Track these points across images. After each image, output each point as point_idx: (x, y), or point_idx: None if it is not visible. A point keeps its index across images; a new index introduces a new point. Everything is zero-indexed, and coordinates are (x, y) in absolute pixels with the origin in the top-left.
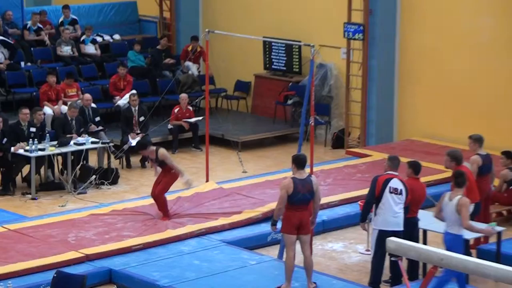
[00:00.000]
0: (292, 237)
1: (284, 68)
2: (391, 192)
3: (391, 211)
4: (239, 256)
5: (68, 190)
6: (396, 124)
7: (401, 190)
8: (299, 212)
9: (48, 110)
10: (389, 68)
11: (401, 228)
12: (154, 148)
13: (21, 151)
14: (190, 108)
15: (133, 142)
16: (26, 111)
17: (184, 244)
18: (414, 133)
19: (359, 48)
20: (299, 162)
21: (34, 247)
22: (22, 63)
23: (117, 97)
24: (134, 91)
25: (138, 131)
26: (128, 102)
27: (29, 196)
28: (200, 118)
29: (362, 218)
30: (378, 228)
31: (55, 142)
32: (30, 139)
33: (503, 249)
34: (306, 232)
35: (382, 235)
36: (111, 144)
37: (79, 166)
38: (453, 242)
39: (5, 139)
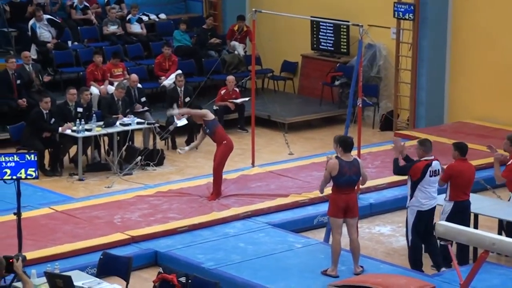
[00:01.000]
0: (339, 220)
1: (332, 49)
2: (431, 176)
3: (429, 194)
4: (285, 239)
5: (114, 171)
6: (447, 106)
7: (438, 170)
8: (345, 194)
9: (94, 90)
10: (441, 49)
11: (436, 203)
12: (209, 114)
13: (68, 131)
14: (237, 90)
15: (179, 123)
16: (74, 91)
17: (230, 227)
18: (465, 115)
19: (409, 28)
20: (346, 145)
21: (81, 228)
22: (69, 43)
23: (163, 77)
24: (180, 71)
25: None
26: (174, 83)
27: (76, 177)
28: (246, 99)
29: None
30: (416, 209)
31: (101, 123)
32: (77, 119)
33: None
34: (353, 215)
35: (419, 216)
36: (156, 125)
37: (125, 147)
38: None
39: (53, 119)
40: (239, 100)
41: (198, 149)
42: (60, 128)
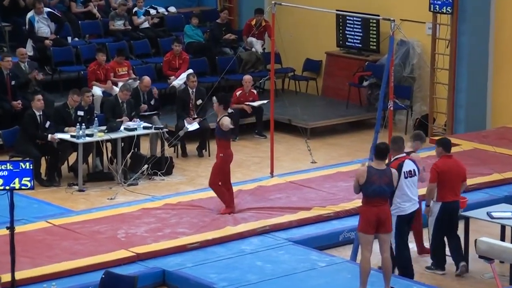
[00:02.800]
0: (369, 236)
1: (360, 45)
2: (406, 177)
3: (407, 197)
4: (307, 257)
5: (117, 181)
6: (489, 109)
7: (414, 170)
8: (376, 207)
9: (97, 91)
10: (482, 46)
11: (417, 206)
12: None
13: (66, 137)
14: (254, 91)
15: (190, 128)
16: (77, 98)
17: (246, 243)
18: (510, 119)
19: (447, 23)
20: (379, 151)
21: (81, 244)
22: (69, 39)
23: (172, 77)
24: (191, 71)
25: (195, 116)
26: (184, 83)
27: (76, 187)
28: (265, 101)
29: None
30: (396, 214)
31: (104, 127)
32: (78, 124)
33: None
34: (385, 230)
35: (400, 221)
36: (165, 130)
37: (130, 155)
38: None
39: (48, 123)
40: (256, 103)
41: (210, 156)
42: (49, 136)
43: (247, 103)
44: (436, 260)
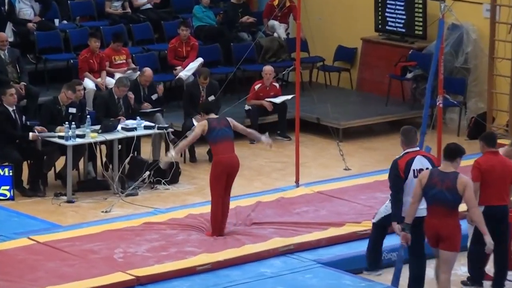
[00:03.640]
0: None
1: (403, 30)
2: (415, 176)
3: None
4: (339, 282)
5: (114, 191)
6: None
7: (427, 169)
8: (436, 219)
9: (89, 83)
10: None
11: (425, 213)
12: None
13: (53, 138)
14: (276, 84)
15: None
16: (71, 94)
17: (266, 265)
18: None
19: (509, 3)
20: (448, 152)
21: (70, 266)
22: (57, 21)
23: (179, 67)
24: (201, 60)
25: None
26: (194, 74)
27: (64, 198)
28: (289, 97)
29: (396, 216)
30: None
31: (97, 127)
32: (67, 123)
33: None
34: (446, 247)
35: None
36: (170, 130)
37: (128, 159)
38: None
39: (23, 118)
40: (279, 99)
41: None
42: (30, 134)
43: (268, 99)
44: (473, 274)
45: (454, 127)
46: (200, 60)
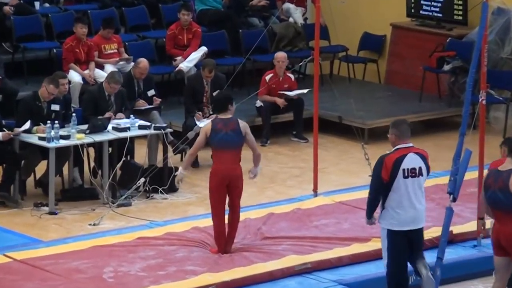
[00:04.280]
0: (497, 259)
1: (440, 15)
2: (406, 177)
3: (407, 203)
4: None
5: (103, 201)
6: None
7: (420, 169)
8: (498, 223)
9: (75, 76)
10: None
11: (422, 225)
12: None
13: (32, 139)
14: (291, 76)
15: (202, 125)
16: (53, 89)
17: (280, 286)
18: None
19: None
20: (509, 144)
21: (53, 287)
22: (37, 4)
23: (179, 58)
24: (205, 49)
25: (211, 112)
26: (196, 66)
27: (46, 208)
28: (305, 91)
29: (367, 214)
30: (387, 227)
31: (85, 126)
32: (48, 122)
33: None
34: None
35: (395, 237)
36: (168, 130)
37: (120, 164)
38: None
39: None
40: (294, 92)
41: None
42: (0, 134)
43: (281, 91)
44: None
45: (500, 127)
46: (203, 49)
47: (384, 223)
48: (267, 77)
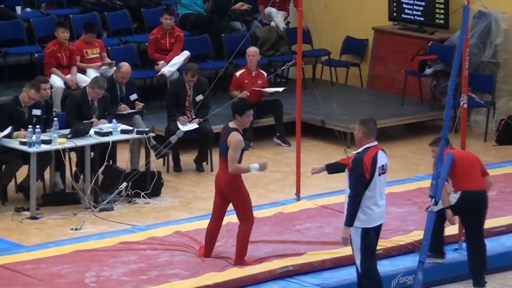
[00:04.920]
0: None
1: (422, 19)
2: (380, 174)
3: (380, 199)
4: None
5: (85, 205)
6: None
7: (387, 165)
8: None
9: (56, 81)
10: None
11: (384, 220)
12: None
13: (13, 144)
14: (264, 72)
15: (185, 129)
16: (34, 94)
17: None
18: None
19: None
20: None
21: None
22: (18, 9)
23: (161, 62)
24: (187, 54)
25: (193, 116)
26: (179, 70)
27: (27, 213)
28: (280, 89)
29: (350, 221)
30: (362, 226)
31: (66, 131)
32: (30, 126)
33: None
34: None
35: (368, 235)
36: (151, 135)
37: (102, 168)
38: None
39: None
40: (270, 89)
41: (213, 171)
42: None
43: (256, 88)
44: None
45: (481, 130)
46: (186, 53)
47: (357, 223)
48: (238, 73)
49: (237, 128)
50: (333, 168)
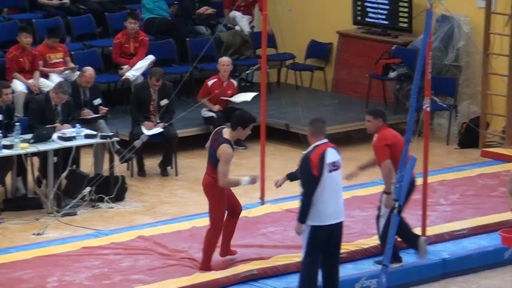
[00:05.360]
0: None
1: (385, 23)
2: (330, 171)
3: (333, 198)
4: None
5: (48, 210)
6: None
7: (339, 162)
8: None
9: (18, 85)
10: None
11: (343, 218)
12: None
13: None
14: (234, 81)
15: (149, 133)
16: None
17: None
18: None
19: None
20: None
21: None
22: None
23: (125, 67)
24: (152, 58)
25: (158, 120)
26: (143, 74)
27: None
28: (251, 95)
29: (301, 218)
30: (312, 224)
31: (29, 136)
32: None
33: None
34: None
35: (317, 233)
36: (115, 139)
37: (65, 173)
38: None
39: None
40: (237, 97)
41: (178, 176)
42: None
43: (224, 97)
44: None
45: (443, 134)
46: (150, 58)
47: (308, 220)
48: (210, 82)
49: (229, 140)
50: (294, 176)
